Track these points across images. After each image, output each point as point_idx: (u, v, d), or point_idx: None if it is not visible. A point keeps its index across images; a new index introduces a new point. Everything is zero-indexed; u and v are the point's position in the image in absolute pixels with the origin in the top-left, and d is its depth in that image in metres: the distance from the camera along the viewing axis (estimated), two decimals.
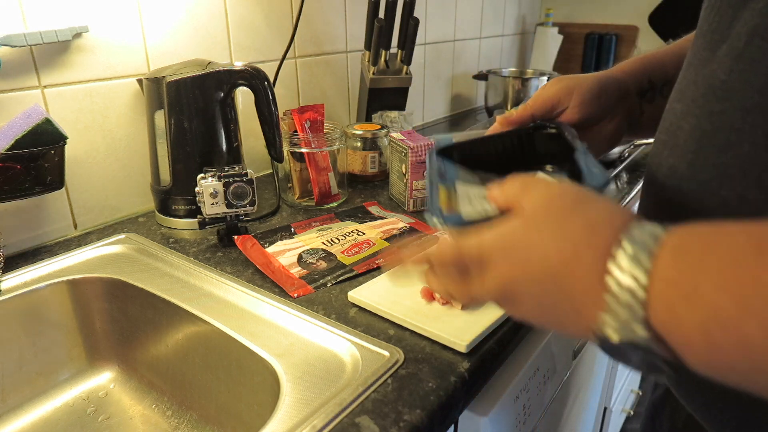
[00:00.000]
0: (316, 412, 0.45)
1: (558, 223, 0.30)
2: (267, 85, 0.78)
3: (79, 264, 0.71)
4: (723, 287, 0.22)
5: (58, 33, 0.71)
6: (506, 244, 0.31)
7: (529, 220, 0.31)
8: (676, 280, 0.24)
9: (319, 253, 0.70)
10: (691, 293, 0.23)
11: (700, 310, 0.23)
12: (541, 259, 0.29)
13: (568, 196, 0.31)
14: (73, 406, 0.67)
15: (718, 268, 0.23)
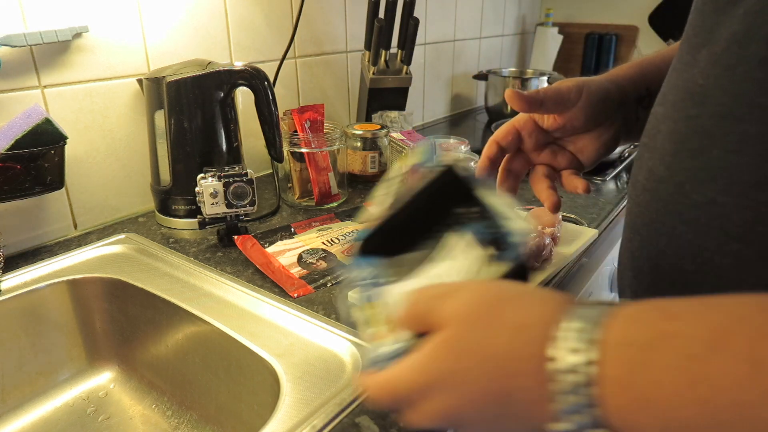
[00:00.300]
0: (316, 412, 0.45)
1: (485, 339, 0.27)
2: (267, 85, 0.78)
3: (79, 264, 0.71)
4: (680, 390, 0.20)
5: (58, 33, 0.71)
6: (435, 376, 0.28)
7: (453, 343, 0.27)
8: (627, 381, 0.22)
9: (319, 253, 0.70)
10: (646, 397, 0.21)
11: (658, 418, 0.21)
12: (477, 383, 0.26)
13: (485, 304, 0.28)
14: (73, 406, 0.67)
15: (672, 367, 0.20)
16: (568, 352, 0.23)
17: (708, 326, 0.20)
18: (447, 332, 0.28)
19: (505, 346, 0.26)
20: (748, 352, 0.19)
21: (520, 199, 0.93)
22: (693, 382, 0.20)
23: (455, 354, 0.27)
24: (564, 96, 0.50)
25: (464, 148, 1.00)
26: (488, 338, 0.26)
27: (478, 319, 0.27)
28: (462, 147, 1.00)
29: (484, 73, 1.58)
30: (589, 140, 0.52)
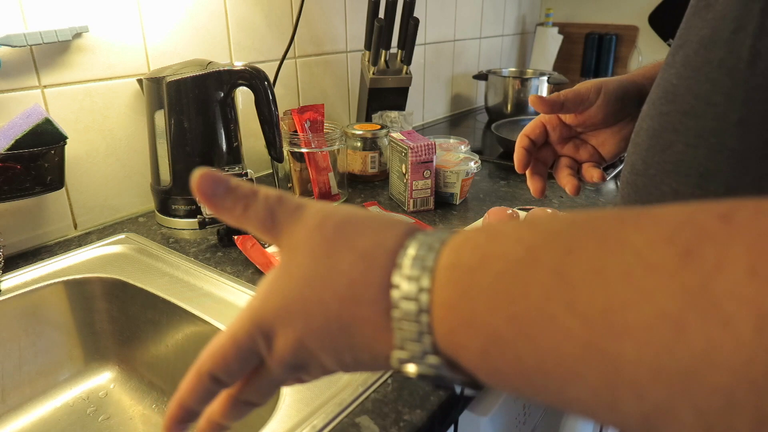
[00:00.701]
0: (316, 412, 0.45)
1: (326, 264, 0.25)
2: (267, 85, 0.78)
3: (79, 264, 0.71)
4: (496, 307, 0.20)
5: (58, 33, 0.71)
6: (280, 307, 0.26)
7: (293, 269, 0.26)
8: (454, 305, 0.22)
9: None
10: (470, 318, 0.21)
11: (479, 337, 0.21)
12: (321, 310, 0.25)
13: (328, 227, 0.26)
14: (73, 406, 0.67)
15: (491, 286, 0.21)
16: (405, 280, 0.23)
17: (523, 244, 0.21)
18: (283, 259, 0.27)
19: (349, 272, 0.24)
20: (554, 265, 0.19)
21: (519, 200, 0.93)
22: (507, 299, 0.20)
23: (294, 281, 0.26)
24: (583, 96, 0.55)
25: (464, 148, 1.00)
26: (333, 264, 0.25)
27: (316, 244, 0.26)
28: (462, 147, 1.01)
29: (484, 73, 1.58)
30: (609, 135, 0.57)
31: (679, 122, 0.35)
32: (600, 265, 0.18)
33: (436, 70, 1.54)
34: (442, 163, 0.89)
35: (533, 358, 0.19)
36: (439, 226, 0.81)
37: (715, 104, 0.33)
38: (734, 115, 0.32)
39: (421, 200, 0.87)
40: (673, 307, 0.16)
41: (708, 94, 0.33)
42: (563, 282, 0.19)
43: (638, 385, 0.17)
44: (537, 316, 0.19)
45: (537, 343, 0.19)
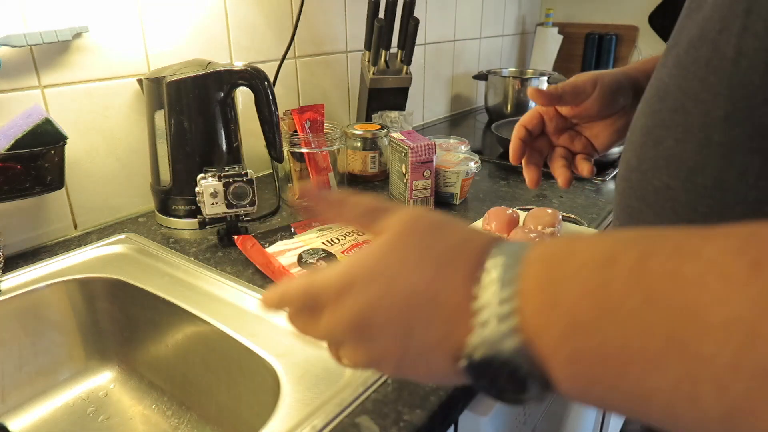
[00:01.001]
0: (316, 412, 0.45)
1: (420, 248, 0.28)
2: (267, 85, 0.78)
3: (79, 264, 0.71)
4: (581, 293, 0.22)
5: (58, 33, 0.71)
6: (368, 269, 0.28)
7: (391, 245, 0.28)
8: (542, 289, 0.24)
9: (319, 253, 0.70)
10: (555, 301, 0.23)
11: (563, 317, 0.22)
12: (405, 283, 0.26)
13: (425, 221, 0.29)
14: (73, 406, 0.67)
15: (576, 275, 0.23)
16: (496, 265, 0.25)
17: (602, 246, 0.23)
18: (386, 240, 0.29)
19: (437, 257, 0.27)
20: (632, 265, 0.21)
21: (519, 200, 0.93)
22: (590, 288, 0.22)
23: (390, 257, 0.28)
24: (580, 89, 0.56)
25: (464, 148, 1.00)
26: (422, 253, 0.27)
27: (416, 235, 0.28)
28: (462, 147, 1.01)
29: (484, 73, 1.58)
30: (603, 127, 0.59)
31: (670, 119, 0.37)
32: (675, 270, 0.20)
33: (436, 70, 1.54)
34: (442, 163, 0.89)
35: (617, 342, 0.20)
36: None
37: (702, 101, 0.34)
38: (720, 111, 0.33)
39: (421, 200, 0.87)
40: (747, 313, 0.18)
41: (696, 92, 0.35)
42: (642, 280, 0.20)
43: (719, 379, 0.18)
44: (620, 306, 0.20)
45: (622, 328, 0.20)
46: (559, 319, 0.22)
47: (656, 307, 0.20)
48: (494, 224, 0.73)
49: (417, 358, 0.27)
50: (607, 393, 0.22)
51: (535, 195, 0.95)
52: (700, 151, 0.34)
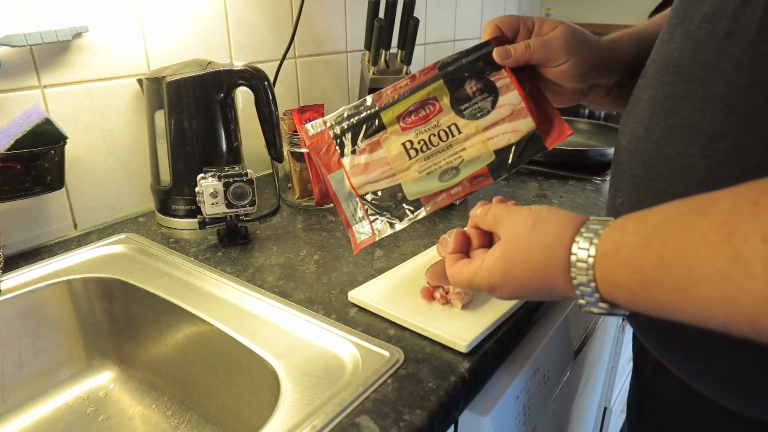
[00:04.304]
0: (316, 412, 0.45)
1: (527, 255, 0.41)
2: (267, 85, 0.78)
3: (79, 264, 0.71)
4: (629, 276, 0.34)
5: (58, 33, 0.71)
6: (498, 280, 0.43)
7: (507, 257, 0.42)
8: (605, 278, 0.36)
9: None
10: (617, 284, 0.35)
11: (622, 293, 0.35)
12: (525, 282, 0.41)
13: (526, 228, 0.41)
14: (73, 406, 0.67)
15: (626, 264, 0.34)
16: (580, 263, 0.37)
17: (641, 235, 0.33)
18: (502, 248, 0.43)
19: (542, 261, 0.40)
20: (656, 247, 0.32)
21: (520, 200, 0.93)
22: (637, 271, 0.33)
23: (509, 264, 0.42)
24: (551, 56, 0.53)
25: None
26: (531, 258, 0.40)
27: (521, 241, 0.41)
28: None
29: None
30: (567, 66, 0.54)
31: (685, 89, 0.39)
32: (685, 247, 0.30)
33: None
34: None
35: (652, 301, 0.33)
36: (439, 227, 0.82)
37: (722, 71, 0.36)
38: (743, 79, 0.35)
39: None
40: (722, 266, 0.28)
41: (715, 62, 0.37)
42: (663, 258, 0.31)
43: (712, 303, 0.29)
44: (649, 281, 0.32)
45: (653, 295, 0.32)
46: (619, 294, 0.35)
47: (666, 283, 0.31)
48: None
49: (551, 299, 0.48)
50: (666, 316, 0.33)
51: (536, 195, 0.95)
52: (722, 119, 0.36)
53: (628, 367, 1.40)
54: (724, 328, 0.30)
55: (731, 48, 0.36)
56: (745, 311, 0.28)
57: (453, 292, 0.57)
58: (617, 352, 1.17)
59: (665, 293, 0.32)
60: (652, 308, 0.34)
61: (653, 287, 0.32)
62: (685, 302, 0.31)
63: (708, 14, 0.38)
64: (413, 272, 0.65)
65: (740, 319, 0.28)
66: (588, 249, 0.36)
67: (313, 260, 0.71)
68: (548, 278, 0.39)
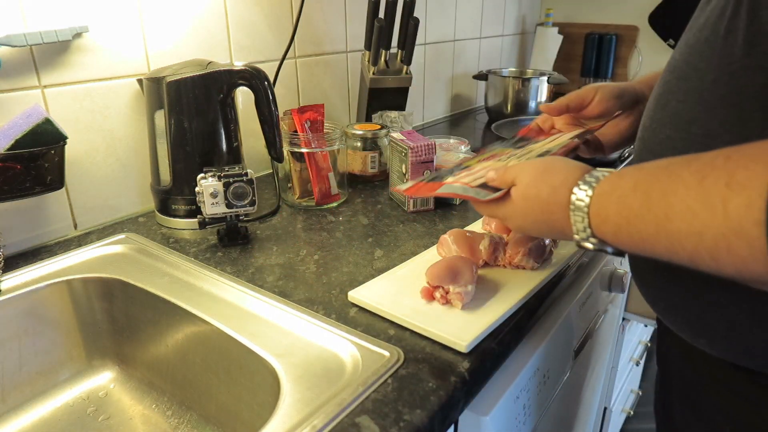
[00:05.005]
0: (316, 412, 0.45)
1: (537, 192, 0.48)
2: (267, 85, 0.78)
3: (79, 264, 0.71)
4: (621, 200, 0.40)
5: (58, 33, 0.71)
6: (513, 211, 0.51)
7: (521, 195, 0.50)
8: (597, 214, 0.43)
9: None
10: (606, 219, 0.42)
11: (610, 227, 0.42)
12: (534, 214, 0.49)
13: (537, 172, 0.49)
14: (73, 406, 0.67)
15: (618, 197, 0.41)
16: (578, 201, 0.44)
17: (633, 179, 0.40)
18: (518, 189, 0.50)
19: (547, 197, 0.47)
20: (644, 190, 0.38)
21: None
22: (624, 201, 0.40)
23: (522, 201, 0.50)
24: (582, 96, 0.69)
25: (464, 148, 1.00)
26: (538, 194, 0.48)
27: (532, 181, 0.49)
28: (462, 147, 1.01)
29: (484, 73, 1.58)
30: (608, 127, 0.71)
31: (675, 85, 0.47)
32: (667, 189, 0.37)
33: (436, 70, 1.54)
34: (442, 163, 0.89)
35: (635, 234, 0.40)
36: (439, 227, 0.82)
37: (699, 69, 0.44)
38: (711, 75, 0.43)
39: (421, 200, 0.87)
40: (693, 204, 0.34)
41: (696, 63, 0.45)
42: (648, 197, 0.38)
43: (682, 236, 0.36)
44: (636, 210, 0.39)
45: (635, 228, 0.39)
46: (607, 229, 0.42)
47: (647, 218, 0.38)
48: (494, 224, 0.73)
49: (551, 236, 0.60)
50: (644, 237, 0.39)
51: None
52: (695, 107, 0.44)
53: (628, 366, 1.40)
54: (689, 260, 0.36)
55: (707, 50, 0.44)
56: (707, 243, 0.34)
57: (453, 292, 0.57)
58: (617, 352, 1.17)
59: (646, 227, 0.38)
60: (633, 242, 0.40)
61: (637, 222, 0.39)
62: (661, 235, 0.37)
63: (701, 24, 0.45)
64: (413, 272, 0.65)
65: (703, 250, 0.35)
66: (587, 191, 0.44)
67: (313, 260, 0.71)
68: (550, 213, 0.47)
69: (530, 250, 0.65)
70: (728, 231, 0.33)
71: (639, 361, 1.46)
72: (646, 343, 1.50)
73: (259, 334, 0.55)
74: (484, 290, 0.61)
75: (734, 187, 0.33)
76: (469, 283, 0.58)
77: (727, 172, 0.33)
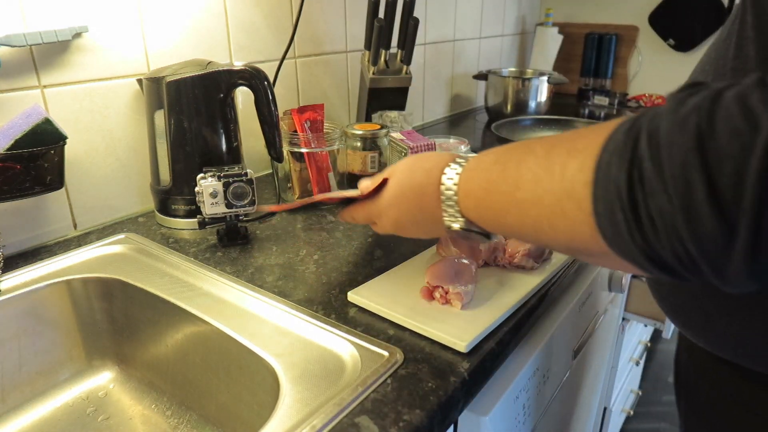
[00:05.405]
0: (315, 412, 0.45)
1: (410, 179, 0.50)
2: (267, 85, 0.78)
3: (78, 264, 0.71)
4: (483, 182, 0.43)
5: (58, 33, 0.71)
6: (389, 202, 0.52)
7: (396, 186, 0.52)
8: (473, 167, 0.45)
9: None
10: (468, 193, 0.44)
11: (471, 200, 0.44)
12: (409, 200, 0.50)
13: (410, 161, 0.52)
14: (73, 406, 0.67)
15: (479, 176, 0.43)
16: (446, 181, 0.46)
17: (493, 156, 0.43)
18: (393, 178, 0.52)
19: (420, 180, 0.49)
20: (503, 162, 0.41)
21: None
22: (485, 180, 0.43)
23: (398, 188, 0.51)
24: None
25: (464, 148, 1.00)
26: (412, 178, 0.50)
27: (407, 168, 0.51)
28: (462, 147, 1.01)
29: (484, 73, 1.58)
30: None
31: None
32: (521, 159, 0.39)
33: (436, 70, 1.54)
34: None
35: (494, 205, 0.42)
36: None
37: (704, 71, 0.48)
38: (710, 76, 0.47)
39: None
40: (538, 171, 0.37)
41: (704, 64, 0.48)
42: (505, 169, 0.40)
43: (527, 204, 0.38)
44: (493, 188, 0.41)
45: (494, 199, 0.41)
46: (470, 203, 0.44)
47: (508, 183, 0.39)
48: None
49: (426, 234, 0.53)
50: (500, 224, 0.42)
51: None
52: None
53: (628, 366, 1.40)
54: (533, 230, 0.38)
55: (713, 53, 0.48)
56: (546, 209, 0.36)
57: (453, 292, 0.57)
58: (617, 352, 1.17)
59: (500, 197, 0.40)
60: (491, 215, 0.42)
61: (493, 192, 0.41)
62: (511, 204, 0.39)
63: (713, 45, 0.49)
64: (413, 272, 0.65)
65: (543, 217, 0.36)
66: (456, 169, 0.46)
67: (313, 260, 0.71)
68: (423, 195, 0.48)
69: (530, 250, 0.65)
70: (563, 194, 0.34)
71: (639, 361, 1.46)
72: (646, 343, 1.50)
73: (258, 334, 0.55)
74: (483, 290, 0.61)
75: (572, 152, 0.34)
76: (469, 283, 0.58)
77: (570, 142, 0.35)
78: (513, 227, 0.40)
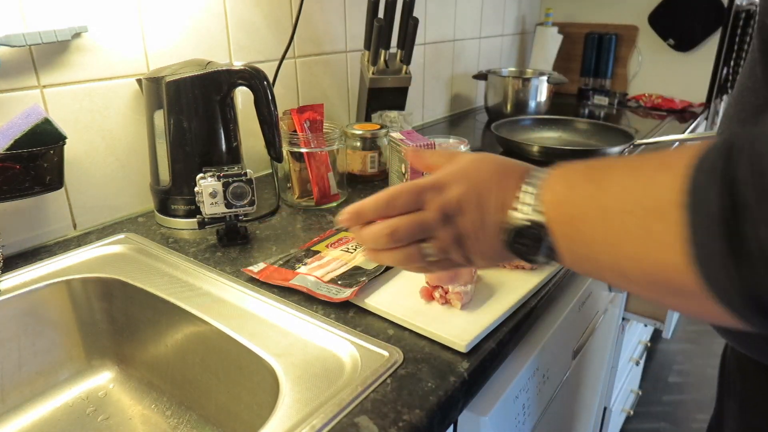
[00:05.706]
0: (315, 412, 0.45)
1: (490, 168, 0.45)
2: (266, 85, 0.78)
3: (78, 264, 0.71)
4: (571, 200, 0.38)
5: (58, 33, 0.71)
6: (460, 174, 0.45)
7: (472, 164, 0.45)
8: (550, 200, 0.40)
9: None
10: (564, 197, 0.39)
11: (569, 206, 0.38)
12: (483, 178, 0.44)
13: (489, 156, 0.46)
14: (73, 406, 0.67)
15: (571, 195, 0.38)
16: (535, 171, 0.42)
17: (584, 169, 0.39)
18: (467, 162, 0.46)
19: (502, 168, 0.44)
20: (598, 181, 0.37)
21: None
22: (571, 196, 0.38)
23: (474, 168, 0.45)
24: None
25: (464, 148, 1.00)
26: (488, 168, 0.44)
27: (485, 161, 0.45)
28: (461, 147, 1.00)
29: (484, 73, 1.58)
30: None
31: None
32: (611, 165, 0.37)
33: (436, 70, 1.54)
34: None
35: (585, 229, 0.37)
36: None
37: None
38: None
39: None
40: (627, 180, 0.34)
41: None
42: (593, 199, 0.36)
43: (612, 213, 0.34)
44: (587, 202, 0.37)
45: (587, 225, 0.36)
46: (567, 207, 0.38)
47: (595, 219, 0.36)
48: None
49: (483, 230, 0.43)
50: (583, 253, 0.37)
51: None
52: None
53: (628, 366, 1.40)
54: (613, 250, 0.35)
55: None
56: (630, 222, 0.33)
57: (452, 292, 0.57)
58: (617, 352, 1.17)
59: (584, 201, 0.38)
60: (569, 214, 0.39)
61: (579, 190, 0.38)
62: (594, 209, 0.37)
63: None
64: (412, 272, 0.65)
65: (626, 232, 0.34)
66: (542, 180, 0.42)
67: None
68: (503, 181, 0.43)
69: None
70: (650, 211, 0.32)
71: (639, 361, 1.46)
72: (646, 343, 1.50)
73: (258, 334, 0.55)
74: (483, 290, 0.61)
75: (662, 167, 0.33)
76: (469, 283, 0.58)
77: (662, 156, 0.34)
78: (592, 238, 0.36)
